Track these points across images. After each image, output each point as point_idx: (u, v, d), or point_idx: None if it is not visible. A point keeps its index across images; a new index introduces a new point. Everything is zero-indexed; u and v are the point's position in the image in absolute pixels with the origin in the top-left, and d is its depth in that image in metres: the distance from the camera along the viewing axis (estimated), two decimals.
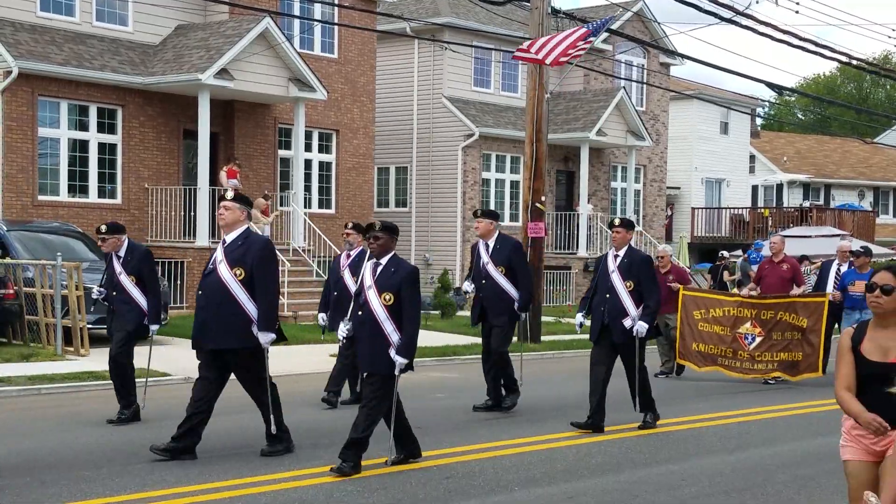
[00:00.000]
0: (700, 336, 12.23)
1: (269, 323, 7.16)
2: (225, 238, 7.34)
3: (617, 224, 9.00)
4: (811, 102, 56.79)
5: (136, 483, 6.45)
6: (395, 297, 6.91)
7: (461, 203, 24.20)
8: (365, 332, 7.00)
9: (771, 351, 12.03)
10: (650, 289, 8.78)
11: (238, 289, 7.13)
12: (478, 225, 9.70)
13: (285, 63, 19.22)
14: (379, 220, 7.29)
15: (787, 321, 11.98)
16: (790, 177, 39.11)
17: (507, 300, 9.49)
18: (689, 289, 12.89)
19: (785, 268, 12.69)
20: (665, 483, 6.85)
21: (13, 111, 17.16)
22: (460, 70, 24.75)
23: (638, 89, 28.63)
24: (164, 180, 19.16)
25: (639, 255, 9.04)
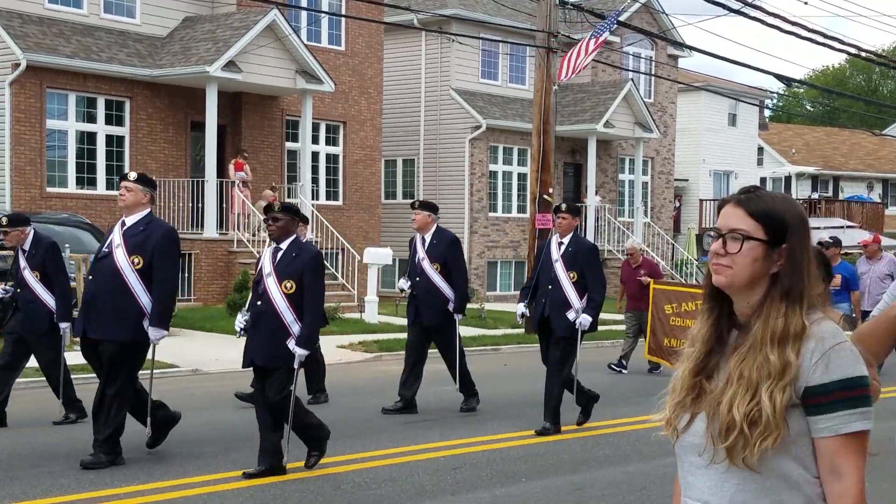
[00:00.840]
0: (671, 331, 11.69)
1: (163, 318, 6.64)
2: (124, 220, 6.76)
3: (563, 209, 8.37)
4: (820, 94, 56.59)
5: (143, 474, 6.47)
6: (296, 284, 6.40)
7: (469, 195, 24.19)
8: (263, 322, 6.45)
9: None
10: (595, 281, 8.17)
11: (133, 278, 6.58)
12: (415, 217, 9.11)
13: (293, 55, 19.22)
14: (279, 201, 6.85)
15: None
16: (799, 169, 38.99)
17: (441, 299, 8.90)
18: (660, 282, 12.45)
19: None
20: (672, 475, 6.84)
21: (21, 103, 17.20)
22: (467, 62, 24.71)
23: (646, 81, 28.55)
24: (171, 172, 19.20)
25: (585, 244, 8.45)
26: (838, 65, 63.07)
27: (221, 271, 18.34)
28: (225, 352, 13.04)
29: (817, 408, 1.99)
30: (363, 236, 22.23)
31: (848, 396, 1.99)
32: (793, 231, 2.07)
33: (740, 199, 2.09)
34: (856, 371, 2.01)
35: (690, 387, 2.11)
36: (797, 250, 2.07)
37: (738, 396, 2.00)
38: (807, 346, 2.01)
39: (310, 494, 6.10)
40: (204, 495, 6.02)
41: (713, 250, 2.09)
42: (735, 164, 35.58)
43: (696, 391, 2.10)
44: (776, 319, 2.02)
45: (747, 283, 2.07)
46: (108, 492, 6.03)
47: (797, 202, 2.15)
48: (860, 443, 2.02)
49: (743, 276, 2.06)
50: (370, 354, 13.75)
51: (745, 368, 2.02)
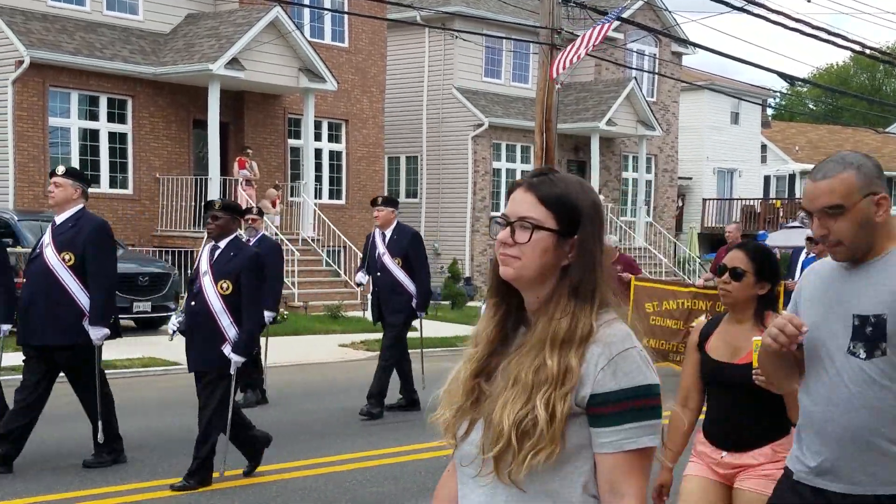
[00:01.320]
0: (651, 331, 11.42)
1: (102, 316, 6.29)
2: (55, 219, 6.46)
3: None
4: (823, 93, 56.53)
5: (146, 472, 6.47)
6: (233, 285, 6.05)
7: (471, 193, 24.18)
8: (197, 325, 6.11)
9: None
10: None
11: (67, 276, 6.26)
12: (378, 214, 8.92)
13: (296, 53, 19.21)
14: (220, 199, 6.44)
15: None
16: (802, 166, 38.93)
17: (405, 296, 8.74)
18: (642, 279, 12.02)
19: None
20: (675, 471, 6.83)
21: (24, 101, 17.21)
22: (470, 60, 24.69)
23: (649, 79, 28.52)
24: (174, 170, 19.20)
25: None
26: (842, 63, 63.00)
27: None
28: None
29: (601, 419, 1.77)
30: (365, 234, 22.18)
31: (635, 407, 1.77)
32: (586, 220, 1.86)
33: (532, 184, 1.88)
34: (645, 379, 1.79)
35: (469, 390, 1.90)
36: (590, 242, 1.86)
37: (509, 402, 1.79)
38: (592, 350, 1.80)
39: (312, 492, 6.10)
40: (207, 493, 6.02)
41: (500, 239, 1.87)
42: (738, 161, 35.54)
43: (475, 395, 1.89)
44: (561, 319, 1.82)
45: (536, 277, 1.85)
46: (111, 489, 6.03)
47: (593, 189, 1.97)
48: (645, 460, 1.80)
49: (531, 269, 1.85)
50: (372, 353, 13.72)
51: (522, 371, 1.81)
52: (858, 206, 2.56)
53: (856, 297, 2.62)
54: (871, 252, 2.62)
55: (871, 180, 2.58)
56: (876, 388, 2.56)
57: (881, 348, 2.55)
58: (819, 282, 2.76)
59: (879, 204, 2.59)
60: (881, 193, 2.59)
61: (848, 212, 2.55)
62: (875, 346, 2.56)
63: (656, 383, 1.81)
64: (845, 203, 2.55)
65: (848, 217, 2.56)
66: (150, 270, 14.42)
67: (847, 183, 2.55)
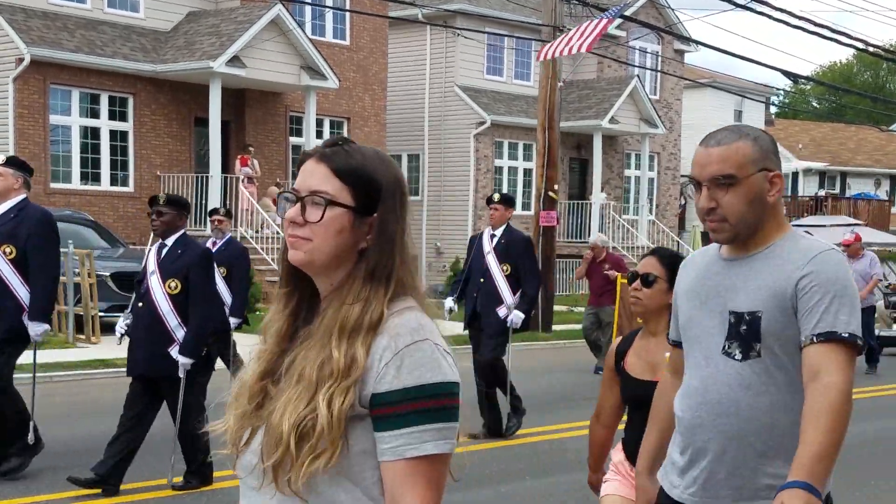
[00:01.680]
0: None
1: (42, 311, 6.08)
2: None
3: (496, 200, 8.01)
4: (826, 91, 56.43)
5: (147, 471, 6.43)
6: (181, 284, 5.82)
7: (473, 191, 24.13)
8: (144, 326, 5.86)
9: None
10: (528, 274, 7.79)
11: (7, 270, 6.02)
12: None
13: (297, 50, 19.16)
14: (164, 194, 6.19)
15: None
16: (805, 164, 38.88)
17: None
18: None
19: None
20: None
21: (25, 99, 17.17)
22: (472, 58, 24.64)
23: (652, 77, 28.46)
24: (175, 168, 19.17)
25: (518, 235, 8.13)
26: (846, 60, 62.91)
27: None
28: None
29: (382, 422, 1.55)
30: None
31: (421, 409, 1.54)
32: (387, 196, 1.65)
33: (324, 154, 1.67)
34: (435, 376, 1.56)
35: (255, 393, 1.67)
36: (390, 221, 1.65)
37: (291, 403, 1.57)
38: (378, 342, 1.58)
39: None
40: (207, 492, 5.98)
41: (288, 218, 1.64)
42: None
43: (262, 397, 1.65)
44: (352, 305, 1.60)
45: (330, 261, 1.64)
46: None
47: (394, 162, 1.74)
48: (432, 470, 1.57)
49: (324, 252, 1.63)
50: None
51: (307, 367, 1.59)
52: (751, 179, 2.35)
53: (733, 291, 2.40)
54: (755, 241, 2.40)
55: (766, 154, 2.38)
56: (750, 393, 2.35)
57: (756, 349, 2.35)
58: (696, 272, 2.52)
59: (773, 182, 2.39)
60: (775, 171, 2.40)
61: (740, 184, 2.33)
62: (749, 347, 2.35)
63: (451, 381, 1.58)
64: (738, 174, 2.34)
65: (739, 190, 2.34)
66: None
67: (742, 152, 2.35)
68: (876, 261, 12.78)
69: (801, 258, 2.35)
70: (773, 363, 2.34)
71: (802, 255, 2.35)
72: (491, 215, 7.99)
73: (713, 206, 2.36)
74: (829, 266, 2.34)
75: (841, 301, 2.29)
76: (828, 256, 2.36)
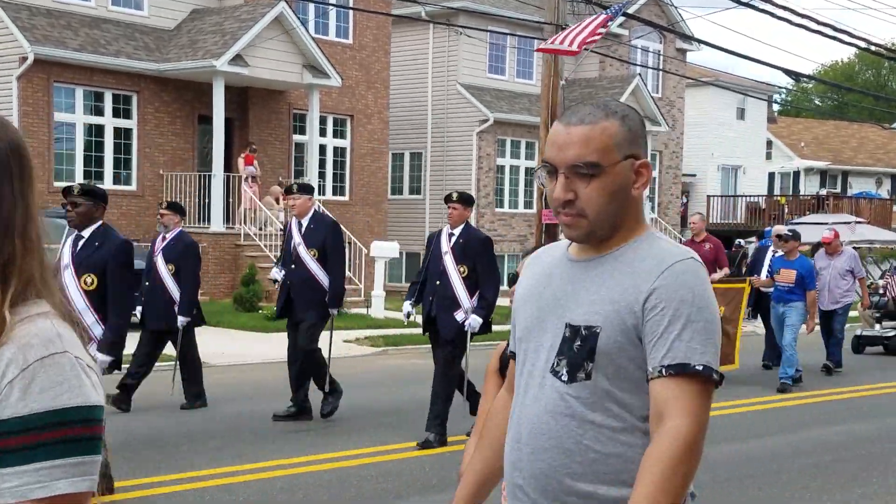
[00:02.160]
0: None
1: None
2: None
3: (454, 199, 7.59)
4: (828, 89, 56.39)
5: (150, 467, 6.48)
6: (98, 279, 5.56)
7: (476, 189, 24.16)
8: None
9: None
10: (487, 276, 7.42)
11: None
12: (294, 203, 8.35)
13: (300, 49, 19.20)
14: (80, 183, 5.82)
15: None
16: (807, 163, 38.88)
17: (319, 291, 8.05)
18: None
19: (707, 248, 11.31)
20: None
21: (29, 97, 17.23)
22: (475, 56, 24.67)
23: (654, 76, 28.48)
24: (179, 166, 19.21)
25: (476, 235, 7.67)
26: (847, 59, 62.86)
27: (228, 265, 18.36)
28: (231, 346, 13.07)
29: (6, 457, 1.22)
30: (370, 230, 22.23)
31: (51, 439, 1.23)
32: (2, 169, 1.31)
33: None
34: (72, 399, 1.25)
35: None
36: (4, 198, 1.31)
37: None
38: (2, 354, 1.25)
39: (316, 488, 6.11)
40: (211, 488, 6.03)
41: None
42: (743, 158, 35.48)
43: None
44: None
45: None
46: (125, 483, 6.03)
47: (9, 124, 1.38)
48: None
49: None
50: (376, 349, 13.75)
51: None
52: (617, 168, 1.94)
53: (574, 300, 1.98)
54: (609, 241, 1.99)
55: (635, 138, 1.98)
56: (574, 422, 1.93)
57: (586, 370, 1.92)
58: (538, 275, 2.09)
59: (640, 172, 1.98)
60: (643, 159, 1.99)
61: (603, 174, 1.93)
62: (579, 367, 1.93)
63: (92, 405, 1.27)
64: (602, 161, 1.93)
65: (602, 180, 1.93)
66: None
67: (608, 134, 1.94)
68: (856, 257, 12.52)
69: (653, 267, 1.92)
70: (605, 390, 1.93)
71: (656, 263, 1.92)
72: (449, 214, 7.63)
73: (571, 197, 1.94)
74: (685, 280, 1.90)
75: (695, 326, 1.87)
76: (685, 267, 1.91)
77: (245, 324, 14.84)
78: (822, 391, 10.88)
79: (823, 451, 7.71)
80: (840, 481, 6.69)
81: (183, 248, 8.49)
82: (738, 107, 35.01)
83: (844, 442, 8.09)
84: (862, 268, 12.72)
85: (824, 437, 8.29)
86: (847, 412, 9.64)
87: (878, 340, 14.63)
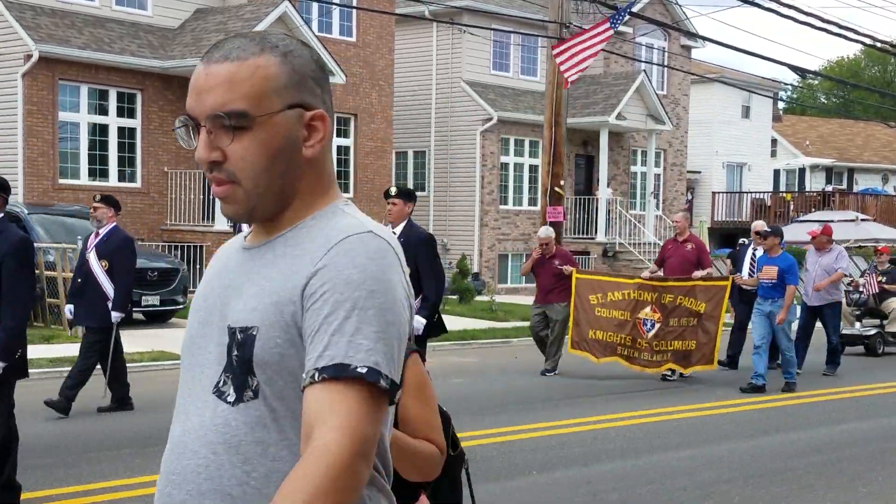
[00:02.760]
0: (598, 322, 11.08)
1: None
2: None
3: (393, 194, 7.30)
4: (834, 86, 56.27)
5: (156, 465, 6.49)
6: None
7: (479, 187, 24.15)
8: None
9: (666, 339, 10.85)
10: (428, 276, 7.11)
11: None
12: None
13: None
14: None
15: (686, 306, 10.81)
16: (813, 161, 38.80)
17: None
18: (584, 272, 11.68)
19: (689, 248, 11.28)
20: (683, 468, 6.82)
21: (34, 95, 17.25)
22: (479, 54, 24.65)
23: (659, 73, 28.43)
24: (183, 164, 19.23)
25: (419, 234, 7.34)
26: (853, 56, 62.72)
27: None
28: None
29: None
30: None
31: None
32: None
33: None
34: None
35: None
36: None
37: None
38: None
39: None
40: None
41: None
42: (748, 156, 35.42)
43: None
44: None
45: None
46: (121, 482, 6.05)
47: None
48: None
49: None
50: None
51: None
52: (276, 120, 1.52)
53: (237, 296, 1.56)
54: (282, 219, 1.57)
55: (303, 82, 1.56)
56: (238, 458, 1.50)
57: (252, 387, 1.51)
58: (216, 270, 1.67)
59: (312, 127, 1.56)
60: (317, 110, 1.56)
61: (256, 126, 1.51)
62: (244, 384, 1.51)
63: None
64: (253, 110, 1.50)
65: (255, 136, 1.51)
66: (159, 265, 14.51)
67: (263, 76, 1.52)
68: (844, 255, 12.10)
69: (321, 246, 1.51)
70: (280, 410, 1.51)
71: (325, 241, 1.51)
72: (389, 211, 7.29)
73: (216, 158, 1.52)
74: (355, 258, 1.47)
75: (363, 316, 1.44)
76: (358, 242, 1.49)
77: None
78: (826, 390, 10.86)
79: (828, 449, 7.70)
80: (844, 480, 6.67)
81: (117, 244, 8.25)
82: (744, 105, 34.95)
83: (849, 440, 8.07)
84: (847, 265, 12.26)
85: (829, 435, 8.28)
86: (851, 411, 9.62)
87: (858, 339, 14.22)
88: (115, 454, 6.79)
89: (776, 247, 10.71)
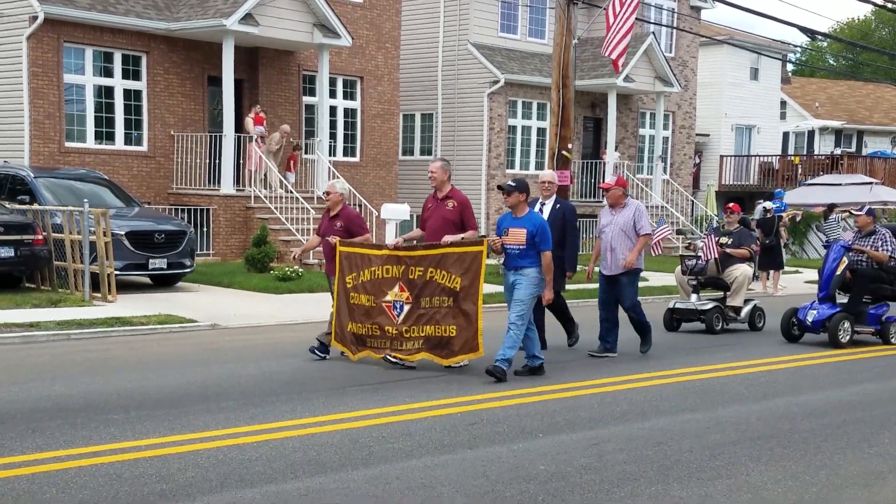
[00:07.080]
0: (351, 311, 9.05)
1: None
2: None
3: None
4: (844, 48, 55.68)
5: (164, 427, 6.52)
6: None
7: (486, 150, 24.04)
8: None
9: (418, 324, 8.73)
10: None
11: None
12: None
13: (310, 8, 19.04)
14: None
15: (438, 282, 8.65)
16: (822, 123, 38.50)
17: None
18: (347, 243, 9.16)
19: (450, 206, 9.16)
20: (691, 430, 6.84)
21: (39, 57, 17.16)
22: (486, 15, 24.41)
23: (667, 35, 28.15)
24: (189, 127, 19.16)
25: None
26: (864, 17, 62.01)
27: (239, 226, 18.36)
28: (243, 307, 13.10)
29: None
30: (380, 193, 22.19)
31: None
32: None
33: None
34: None
35: None
36: None
37: None
38: None
39: (328, 448, 6.14)
40: (224, 448, 6.06)
41: None
42: (757, 118, 35.16)
43: None
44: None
45: None
46: (129, 444, 6.08)
47: None
48: None
49: None
50: None
51: None
52: None
53: None
54: None
55: None
56: None
57: None
58: None
59: None
60: None
61: None
62: None
63: None
64: None
65: None
66: (166, 228, 14.48)
67: None
68: (642, 212, 9.98)
69: None
70: None
71: None
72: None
73: None
74: None
75: None
76: None
77: (257, 285, 14.88)
78: (835, 352, 10.85)
79: (836, 411, 7.71)
80: (852, 441, 6.68)
81: None
82: (752, 66, 34.62)
83: (857, 402, 8.08)
84: (648, 224, 10.04)
85: (837, 397, 8.29)
86: (861, 373, 9.63)
87: (693, 315, 12.14)
88: (124, 416, 6.83)
89: (523, 204, 8.70)
